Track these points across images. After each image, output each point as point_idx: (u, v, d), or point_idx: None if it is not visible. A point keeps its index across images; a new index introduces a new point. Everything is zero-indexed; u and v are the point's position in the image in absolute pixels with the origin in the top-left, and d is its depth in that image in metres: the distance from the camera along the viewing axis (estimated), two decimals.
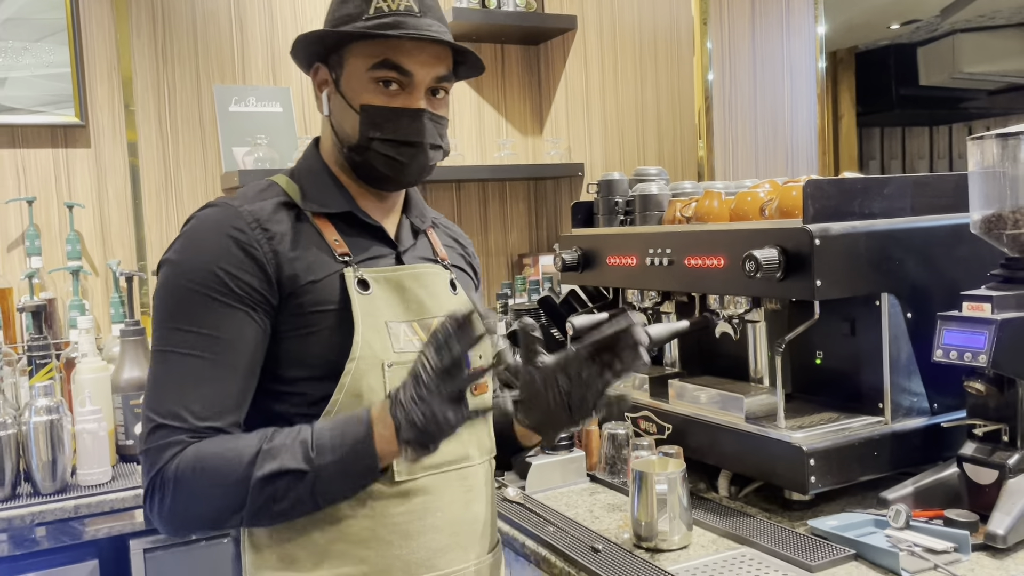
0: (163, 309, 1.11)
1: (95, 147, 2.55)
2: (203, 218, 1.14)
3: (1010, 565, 1.25)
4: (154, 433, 1.06)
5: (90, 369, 2.03)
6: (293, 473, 1.02)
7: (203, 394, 1.07)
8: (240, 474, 1.02)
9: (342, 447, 1.03)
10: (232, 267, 1.09)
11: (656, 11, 2.57)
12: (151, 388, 1.09)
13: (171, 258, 1.12)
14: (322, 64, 1.22)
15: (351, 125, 1.18)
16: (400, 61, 1.16)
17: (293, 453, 1.03)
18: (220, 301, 1.09)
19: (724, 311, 1.69)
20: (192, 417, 1.06)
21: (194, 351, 1.07)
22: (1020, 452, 1.36)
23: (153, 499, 1.06)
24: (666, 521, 1.38)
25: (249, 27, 2.75)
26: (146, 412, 1.08)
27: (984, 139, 1.45)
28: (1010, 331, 1.33)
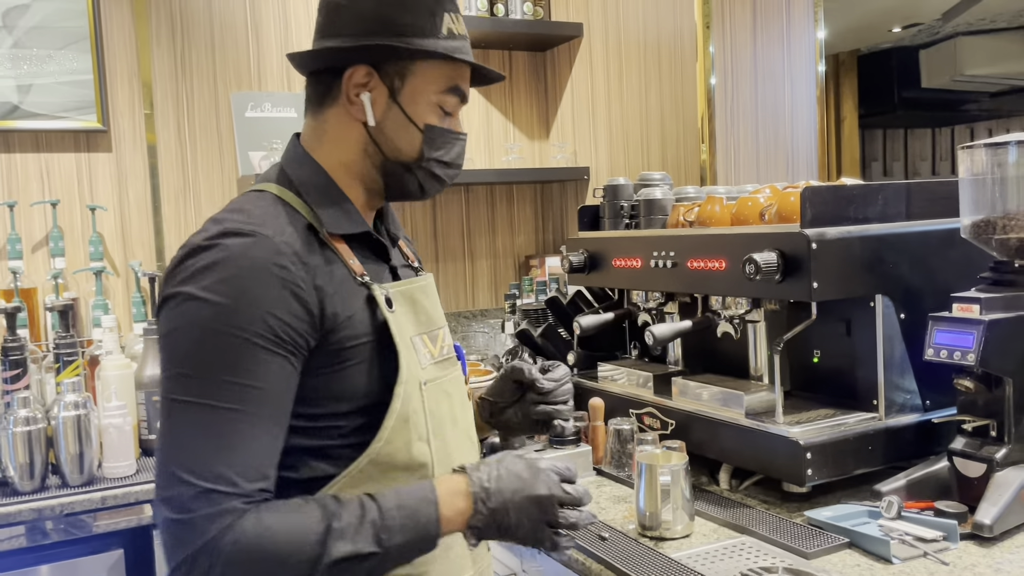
0: (193, 355, 0.98)
1: (116, 152, 2.63)
2: (239, 252, 1.00)
3: (996, 553, 1.32)
4: (198, 499, 0.93)
5: (114, 366, 2.11)
6: (362, 556, 0.98)
7: (251, 453, 0.97)
8: (308, 554, 0.96)
9: (413, 529, 1.01)
10: (283, 313, 1.00)
11: (660, 18, 2.64)
12: (182, 446, 0.96)
13: (202, 296, 0.98)
14: (372, 68, 1.13)
15: (409, 142, 1.15)
16: (463, 88, 1.17)
17: (364, 535, 0.98)
18: (267, 350, 0.99)
19: (725, 311, 1.76)
20: (243, 480, 0.95)
21: (238, 405, 0.97)
22: (1007, 446, 1.42)
23: (194, 569, 0.94)
24: (669, 511, 1.45)
25: (265, 35, 2.82)
26: (178, 473, 0.94)
27: (974, 148, 1.51)
28: (997, 331, 1.40)
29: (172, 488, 0.94)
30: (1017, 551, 1.32)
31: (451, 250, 3.18)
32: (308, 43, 2.99)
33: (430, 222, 3.14)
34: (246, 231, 1.02)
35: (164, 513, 0.95)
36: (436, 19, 1.12)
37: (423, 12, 1.11)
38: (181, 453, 0.95)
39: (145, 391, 2.15)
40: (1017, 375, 1.42)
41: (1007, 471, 1.41)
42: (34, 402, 1.96)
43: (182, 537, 0.94)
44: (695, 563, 1.34)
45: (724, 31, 2.48)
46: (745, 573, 1.27)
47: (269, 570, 0.95)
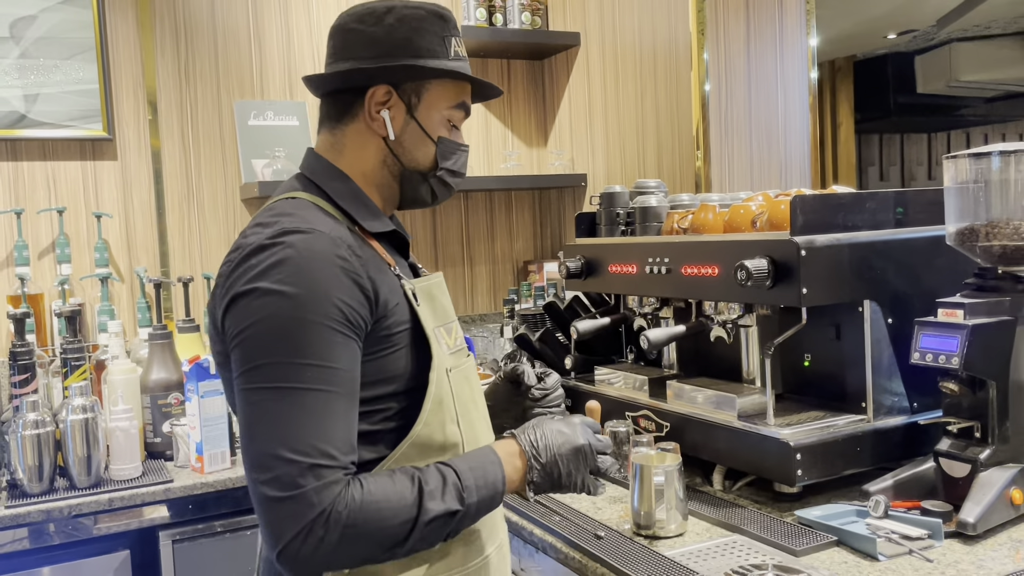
0: (276, 343, 1.05)
1: (121, 159, 2.67)
2: (304, 247, 1.09)
3: (979, 550, 1.36)
4: (307, 474, 1.01)
5: (121, 371, 2.15)
6: (451, 514, 1.10)
7: (342, 428, 1.07)
8: (408, 515, 1.07)
9: (484, 487, 1.14)
10: (349, 299, 1.09)
11: (655, 27, 2.68)
12: (280, 427, 1.03)
13: (278, 289, 1.06)
14: (392, 87, 1.23)
15: (425, 154, 1.26)
16: (468, 104, 1.31)
17: (450, 495, 1.10)
18: (341, 333, 1.08)
19: (718, 316, 1.81)
20: (340, 454, 1.05)
21: (324, 386, 1.05)
22: (991, 447, 1.47)
23: (309, 540, 1.01)
24: (663, 511, 1.49)
25: (267, 45, 2.87)
26: (282, 453, 1.02)
27: (958, 157, 1.56)
28: (981, 336, 1.44)
29: (276, 469, 1.02)
30: (999, 549, 1.36)
31: (451, 256, 3.23)
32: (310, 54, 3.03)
33: (430, 228, 3.19)
34: (304, 228, 1.11)
35: (269, 493, 1.02)
36: (446, 43, 1.24)
37: (434, 37, 1.23)
38: (280, 435, 1.03)
39: (150, 395, 2.19)
40: (1000, 378, 1.46)
41: (991, 471, 1.45)
42: (42, 406, 2.00)
43: (295, 512, 1.01)
44: (688, 561, 1.38)
45: (718, 39, 2.53)
46: (736, 570, 1.31)
47: (376, 531, 1.05)
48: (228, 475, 2.07)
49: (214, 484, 2.05)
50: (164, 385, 2.20)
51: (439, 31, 1.23)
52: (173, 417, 2.19)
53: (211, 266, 2.78)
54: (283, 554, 1.02)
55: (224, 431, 2.10)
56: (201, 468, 2.07)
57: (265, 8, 2.85)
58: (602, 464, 1.26)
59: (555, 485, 1.22)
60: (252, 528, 2.09)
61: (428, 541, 1.11)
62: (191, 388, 2.08)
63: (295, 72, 2.91)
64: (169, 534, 2.03)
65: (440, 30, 1.23)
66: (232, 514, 2.08)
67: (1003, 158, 1.50)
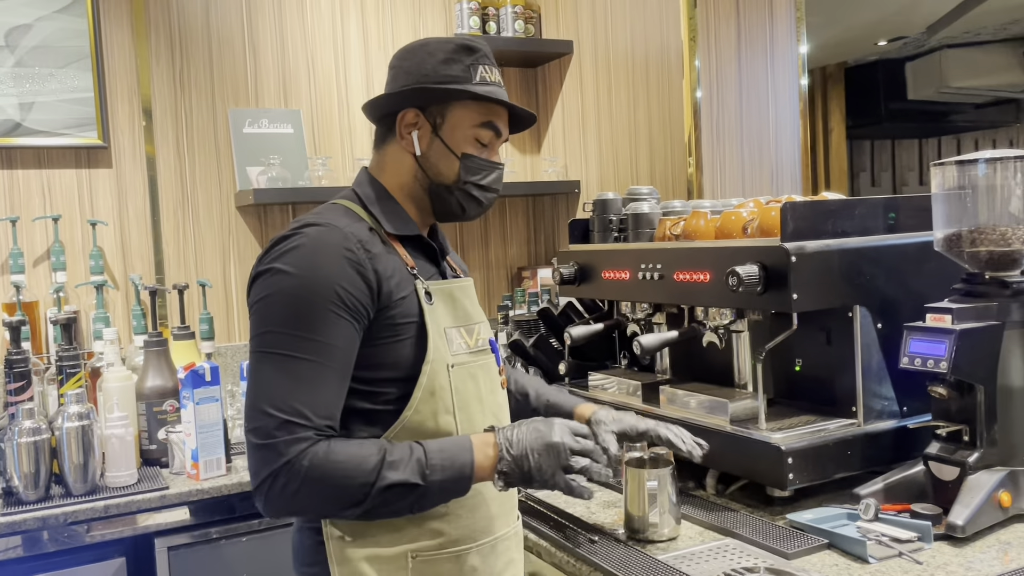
0: (278, 317, 1.23)
1: (116, 167, 2.68)
2: (314, 237, 1.26)
3: (968, 552, 1.37)
4: (281, 428, 1.18)
5: (116, 378, 2.16)
6: (409, 486, 1.21)
7: (321, 395, 1.22)
8: (364, 479, 1.19)
9: (450, 468, 1.23)
10: (347, 284, 1.24)
11: (647, 34, 2.71)
12: (268, 387, 1.21)
13: (284, 272, 1.23)
14: (419, 110, 1.38)
15: (449, 168, 1.39)
16: (498, 124, 1.41)
17: (411, 468, 1.21)
18: (336, 313, 1.23)
19: (710, 322, 1.82)
20: (314, 416, 1.20)
21: (312, 356, 1.21)
22: (979, 451, 1.48)
23: (274, 485, 1.18)
24: (656, 515, 1.51)
25: (262, 53, 2.88)
26: (265, 408, 1.20)
27: (945, 165, 1.58)
28: (968, 340, 1.46)
29: (258, 420, 1.20)
30: (988, 551, 1.37)
31: None
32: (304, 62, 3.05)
33: None
34: (321, 223, 1.29)
35: (251, 440, 1.21)
36: (471, 70, 1.37)
37: (459, 65, 1.37)
38: (267, 393, 1.21)
39: (146, 402, 2.20)
40: (988, 382, 1.48)
41: (979, 474, 1.47)
42: (38, 413, 2.00)
43: (266, 458, 1.19)
44: (681, 564, 1.40)
45: (709, 46, 2.56)
46: (728, 573, 1.33)
47: (334, 488, 1.19)
48: (224, 481, 2.08)
49: (210, 491, 2.06)
50: (159, 392, 2.21)
51: (464, 60, 1.37)
52: (168, 424, 2.20)
53: (206, 273, 2.79)
54: (256, 493, 1.21)
55: (219, 438, 2.11)
56: (197, 475, 2.08)
57: (259, 16, 2.87)
58: (576, 463, 1.28)
59: (525, 478, 1.27)
60: (248, 535, 2.10)
61: (389, 509, 1.23)
62: (186, 395, 2.09)
63: (290, 80, 2.92)
64: (165, 541, 2.04)
65: (466, 59, 1.37)
66: (228, 520, 2.09)
67: (989, 165, 1.53)
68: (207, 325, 2.62)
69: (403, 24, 3.10)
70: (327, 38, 2.98)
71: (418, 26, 3.13)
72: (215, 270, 2.81)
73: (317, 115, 2.96)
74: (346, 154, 3.01)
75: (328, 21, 2.98)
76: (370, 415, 1.29)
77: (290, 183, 2.74)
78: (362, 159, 2.88)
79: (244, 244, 2.85)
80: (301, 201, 2.83)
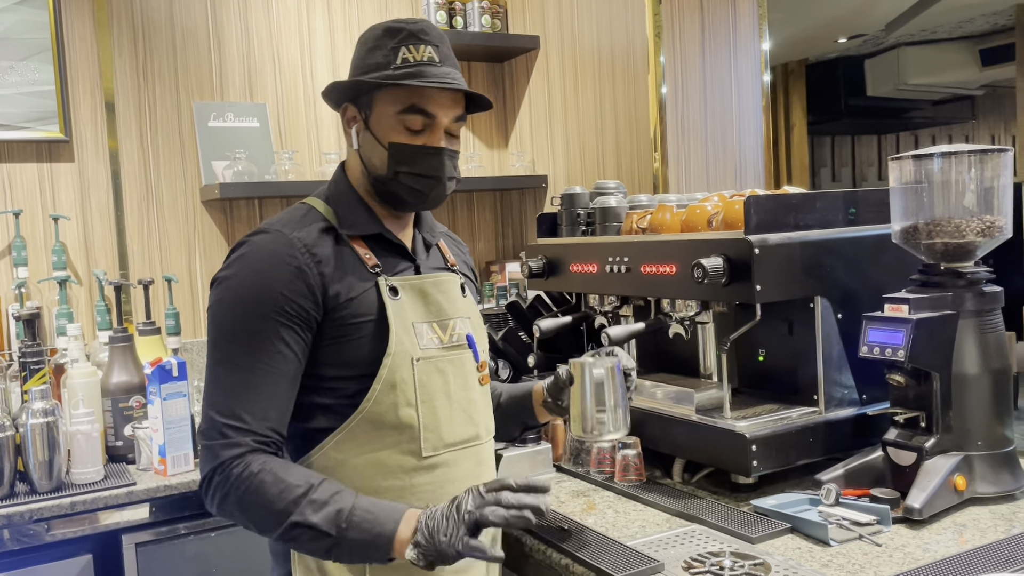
0: (223, 325, 1.26)
1: (79, 161, 2.64)
2: (259, 245, 1.28)
3: (924, 535, 1.42)
4: (219, 432, 1.23)
5: (81, 374, 2.14)
6: (320, 532, 1.19)
7: (262, 401, 1.24)
8: (282, 508, 1.20)
9: (368, 532, 1.19)
10: (288, 291, 1.25)
11: (613, 30, 2.73)
12: (214, 392, 1.25)
13: (230, 279, 1.27)
14: (352, 104, 1.37)
15: (380, 159, 1.35)
16: (425, 106, 1.33)
17: (327, 516, 1.19)
18: (277, 321, 1.25)
19: (676, 314, 1.85)
20: (252, 420, 1.23)
21: (254, 363, 1.24)
22: (935, 436, 1.53)
23: (209, 487, 1.23)
24: (605, 414, 1.48)
25: (227, 45, 2.86)
26: (209, 412, 1.24)
27: (902, 159, 1.63)
28: (925, 329, 1.51)
29: (205, 423, 1.25)
30: (944, 532, 1.42)
31: None
32: (270, 56, 3.03)
33: None
34: (269, 230, 1.31)
35: (200, 440, 1.26)
36: (393, 53, 1.32)
37: (381, 51, 1.33)
38: (211, 398, 1.25)
39: (111, 398, 2.18)
40: (943, 370, 1.53)
41: (935, 459, 1.51)
42: (1, 410, 1.98)
43: (206, 459, 1.24)
44: (648, 549, 1.42)
45: (674, 42, 2.59)
46: (695, 558, 1.36)
47: (254, 506, 1.21)
48: (192, 477, 2.07)
49: (178, 486, 2.04)
50: (125, 388, 2.19)
51: (387, 44, 1.33)
52: (135, 420, 2.18)
53: (171, 268, 2.76)
54: (200, 488, 1.26)
55: (187, 433, 2.10)
56: (164, 471, 2.07)
57: (224, 8, 2.84)
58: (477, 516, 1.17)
59: (438, 547, 1.16)
60: (216, 530, 2.09)
61: (304, 547, 1.24)
62: (153, 391, 2.07)
63: (255, 73, 2.90)
64: (132, 537, 2.02)
65: (389, 42, 1.33)
66: (196, 516, 2.08)
67: (944, 160, 1.57)
68: (173, 320, 2.60)
69: (369, 18, 3.09)
70: (293, 31, 2.96)
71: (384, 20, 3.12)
72: (180, 265, 2.79)
73: (283, 109, 2.95)
74: (313, 148, 3.00)
75: (294, 14, 2.96)
76: (328, 408, 1.31)
77: (256, 177, 2.72)
78: (329, 153, 2.87)
79: (210, 239, 2.83)
80: (267, 195, 2.82)
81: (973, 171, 1.57)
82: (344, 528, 1.19)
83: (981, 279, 1.57)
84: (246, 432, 1.22)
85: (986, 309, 1.55)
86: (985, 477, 1.52)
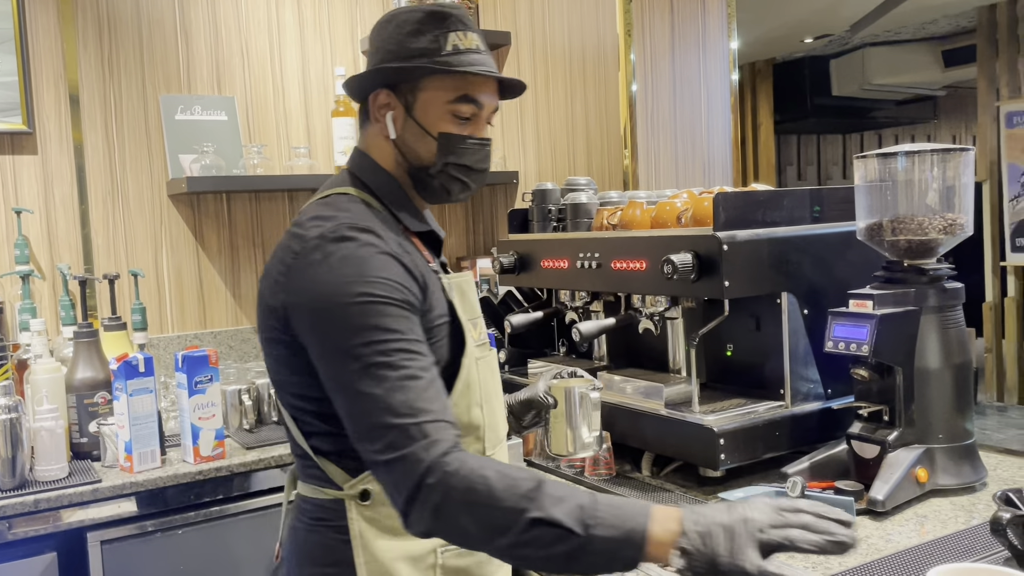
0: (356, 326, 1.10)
1: (42, 154, 2.60)
2: (364, 241, 1.16)
3: (887, 525, 1.45)
4: (409, 435, 1.04)
5: (44, 370, 2.10)
6: (565, 530, 0.99)
7: (432, 390, 1.09)
8: (514, 504, 1.00)
9: (618, 529, 0.99)
10: (404, 280, 1.15)
11: (584, 27, 2.75)
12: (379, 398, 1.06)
13: (335, 280, 1.12)
14: (389, 90, 1.29)
15: (426, 150, 1.28)
16: (476, 95, 1.28)
17: (570, 511, 1.00)
18: (407, 315, 1.13)
19: (646, 309, 1.87)
20: (443, 412, 1.07)
21: (406, 359, 1.09)
22: (898, 430, 1.57)
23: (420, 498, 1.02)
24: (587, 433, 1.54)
25: (194, 37, 2.83)
26: (383, 420, 1.05)
27: (867, 158, 1.66)
28: (888, 324, 1.54)
29: (385, 438, 1.05)
30: (906, 523, 1.45)
31: None
32: (239, 48, 3.01)
33: None
34: (363, 226, 1.18)
35: (382, 460, 1.05)
36: (440, 39, 1.26)
37: (428, 36, 1.26)
38: (379, 404, 1.06)
39: (76, 394, 2.15)
40: (906, 364, 1.56)
41: (898, 452, 1.55)
42: None
43: (406, 470, 1.03)
44: None
45: (644, 40, 2.61)
46: None
47: (485, 505, 1.01)
48: (158, 474, 2.04)
49: (144, 483, 2.02)
50: (90, 384, 2.16)
51: (432, 29, 1.26)
52: (100, 416, 2.15)
53: (137, 262, 2.73)
54: (407, 518, 1.04)
55: (154, 430, 2.07)
56: (130, 467, 2.04)
57: (191, 1, 2.81)
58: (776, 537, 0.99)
59: (710, 559, 0.98)
60: (184, 527, 2.07)
61: (539, 554, 1.01)
62: (119, 387, 2.05)
63: (223, 66, 2.87)
64: (97, 535, 2.00)
65: (434, 28, 1.26)
66: (163, 513, 2.06)
67: (908, 158, 1.61)
68: (139, 316, 2.56)
69: (339, 11, 3.07)
70: (262, 24, 2.93)
71: (355, 14, 3.10)
72: (147, 259, 2.75)
73: (252, 102, 2.92)
74: (282, 142, 2.97)
75: (263, 7, 2.93)
76: None
77: (224, 171, 2.69)
78: (298, 147, 2.85)
79: (177, 233, 2.80)
80: (236, 190, 2.79)
81: (936, 170, 1.60)
82: (591, 525, 0.99)
83: (943, 276, 1.60)
84: (444, 425, 1.06)
85: (947, 305, 1.58)
86: (946, 469, 1.56)
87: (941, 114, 7.98)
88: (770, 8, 5.21)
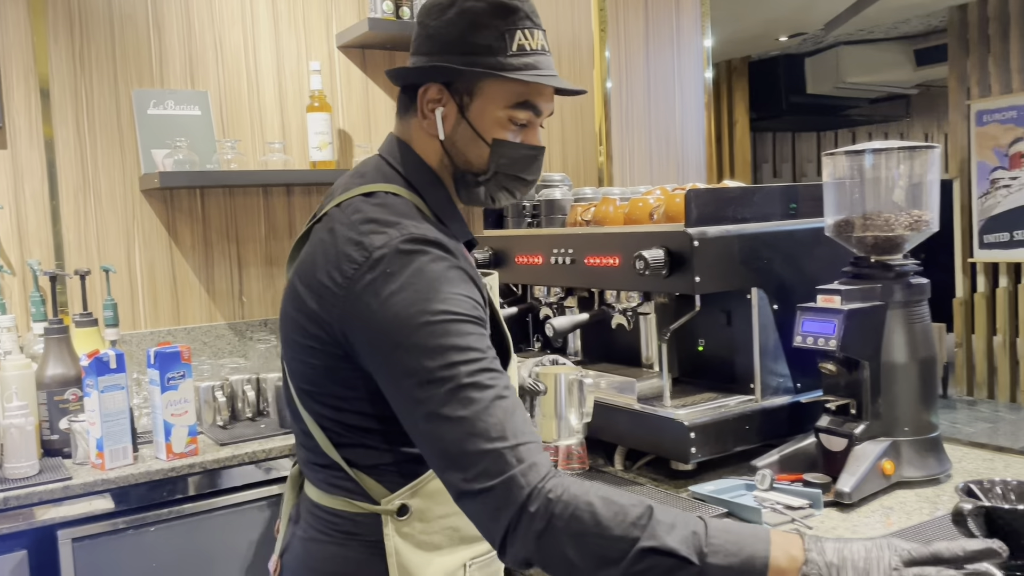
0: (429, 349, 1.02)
1: (12, 148, 2.57)
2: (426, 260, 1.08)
3: (854, 517, 1.47)
4: (504, 460, 0.96)
5: (14, 366, 2.08)
6: (680, 559, 0.92)
7: (520, 411, 1.03)
8: (623, 533, 0.93)
9: (736, 556, 0.92)
10: (475, 296, 1.09)
11: (559, 25, 2.75)
12: (464, 421, 0.99)
13: (410, 299, 1.04)
14: (442, 86, 1.20)
15: (478, 155, 1.21)
16: (537, 102, 1.21)
17: (684, 539, 0.93)
18: (479, 325, 1.07)
19: (619, 304, 1.89)
20: (534, 435, 1.01)
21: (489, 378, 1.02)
22: (865, 423, 1.59)
23: (522, 525, 0.95)
24: (575, 417, 1.57)
25: (167, 31, 2.80)
26: (482, 447, 0.97)
27: (836, 155, 1.68)
28: (855, 319, 1.56)
29: (478, 465, 0.97)
30: (872, 515, 1.48)
31: None
32: (212, 42, 2.99)
33: None
34: (431, 237, 1.10)
35: (476, 489, 0.97)
36: (506, 37, 1.17)
37: (493, 32, 1.17)
38: (470, 430, 0.98)
39: (47, 391, 2.13)
40: (873, 359, 1.59)
41: (865, 445, 1.57)
42: None
43: (505, 497, 0.95)
44: None
45: (619, 37, 2.62)
46: None
47: (593, 534, 0.93)
48: (130, 471, 2.03)
49: (116, 480, 2.01)
50: (61, 380, 2.14)
51: (499, 25, 1.17)
52: (71, 413, 2.14)
53: (109, 258, 2.70)
54: (504, 550, 0.97)
55: (126, 426, 2.06)
56: (102, 465, 2.03)
57: None
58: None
59: None
60: (156, 524, 2.06)
61: None
62: (90, 383, 2.03)
63: (196, 60, 2.85)
64: (68, 533, 1.98)
65: (501, 24, 1.17)
66: (135, 511, 2.04)
67: (876, 155, 1.63)
68: (111, 312, 2.54)
69: (314, 5, 3.05)
70: (236, 17, 2.91)
71: (330, 8, 3.09)
72: (119, 255, 2.73)
73: (225, 97, 2.90)
74: (256, 137, 2.96)
75: (236, 0, 2.91)
76: None
77: (198, 166, 2.67)
78: (273, 143, 2.84)
79: (150, 229, 2.77)
80: (209, 185, 2.77)
81: (902, 167, 1.63)
82: (706, 553, 0.92)
83: (909, 271, 1.63)
84: (537, 447, 0.98)
85: (913, 300, 1.61)
86: (912, 462, 1.59)
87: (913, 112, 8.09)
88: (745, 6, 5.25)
